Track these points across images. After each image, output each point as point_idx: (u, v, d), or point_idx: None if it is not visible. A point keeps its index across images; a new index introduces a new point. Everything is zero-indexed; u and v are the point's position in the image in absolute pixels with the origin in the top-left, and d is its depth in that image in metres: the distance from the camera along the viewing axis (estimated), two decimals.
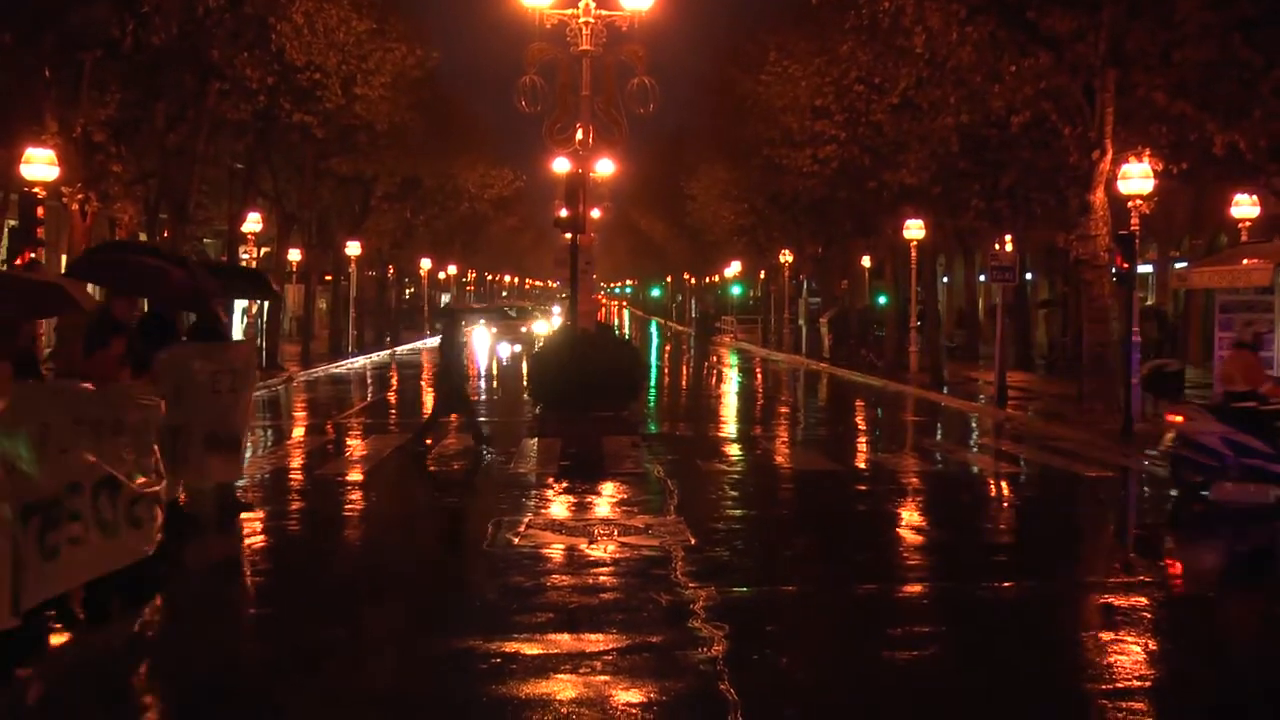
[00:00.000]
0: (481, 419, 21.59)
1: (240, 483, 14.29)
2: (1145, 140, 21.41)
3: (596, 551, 11.55)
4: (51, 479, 8.03)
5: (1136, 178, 21.19)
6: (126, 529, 8.97)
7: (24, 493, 7.66)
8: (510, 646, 8.48)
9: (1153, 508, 15.63)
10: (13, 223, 29.64)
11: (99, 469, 8.62)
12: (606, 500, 14.82)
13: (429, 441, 19.20)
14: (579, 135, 28.05)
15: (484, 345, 57.30)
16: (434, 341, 60.03)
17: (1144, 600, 10.09)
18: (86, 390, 8.99)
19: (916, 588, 10.75)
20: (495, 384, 35.64)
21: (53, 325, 25.35)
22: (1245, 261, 22.21)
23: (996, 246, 29.63)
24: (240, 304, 37.80)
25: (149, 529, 9.26)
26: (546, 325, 57.79)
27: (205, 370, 12.46)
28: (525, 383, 26.92)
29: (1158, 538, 13.51)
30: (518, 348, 52.98)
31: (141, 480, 9.19)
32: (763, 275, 63.75)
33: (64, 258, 26.71)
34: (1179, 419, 14.74)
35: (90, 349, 11.13)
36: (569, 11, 27.61)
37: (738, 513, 14.49)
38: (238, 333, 36.72)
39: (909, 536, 13.41)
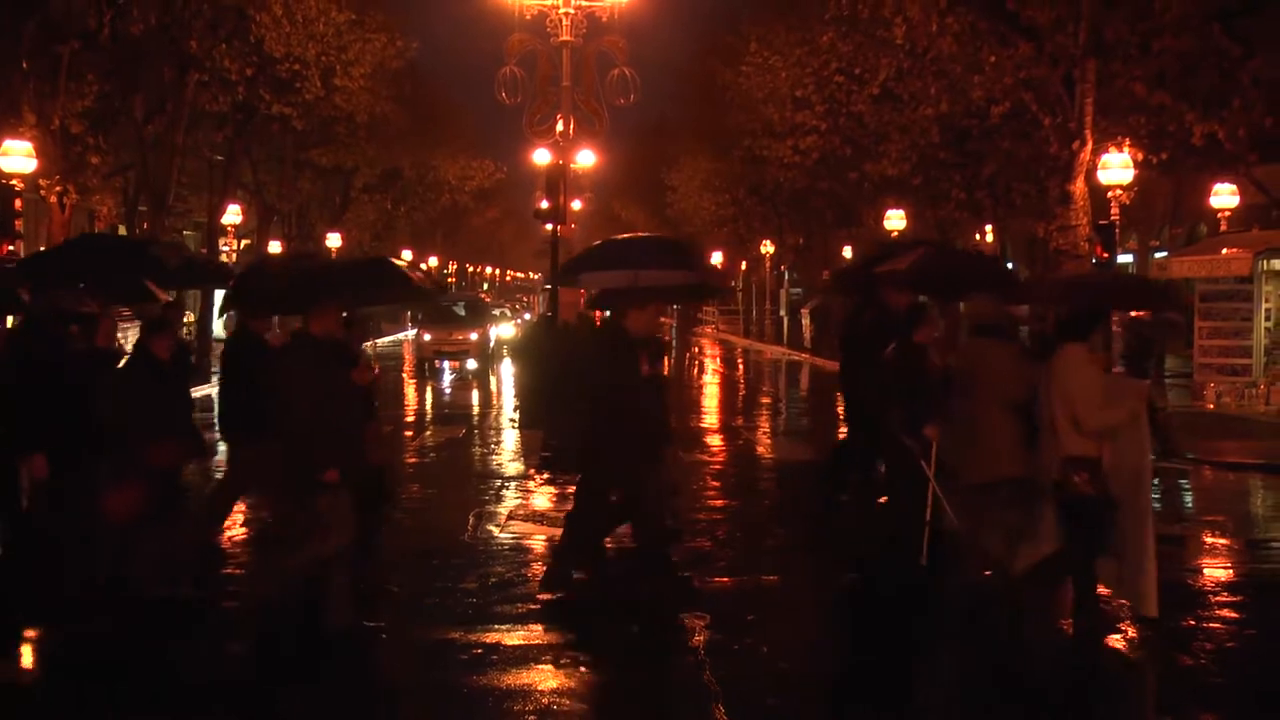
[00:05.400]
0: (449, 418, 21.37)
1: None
2: (1125, 130, 21.45)
3: None
4: None
5: (1116, 168, 21.25)
6: None
7: None
8: (491, 637, 8.48)
9: None
10: None
11: None
12: None
13: None
14: (559, 126, 28.05)
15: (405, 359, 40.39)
16: (414, 334, 59.27)
17: None
18: None
19: None
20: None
21: None
22: (1225, 251, 22.34)
23: (977, 237, 29.69)
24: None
25: None
26: (513, 329, 41.16)
27: None
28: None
29: None
30: (471, 365, 34.01)
31: None
32: (744, 266, 63.78)
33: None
34: None
35: None
36: (549, 2, 27.60)
37: (719, 503, 14.49)
38: (218, 326, 36.60)
39: None
